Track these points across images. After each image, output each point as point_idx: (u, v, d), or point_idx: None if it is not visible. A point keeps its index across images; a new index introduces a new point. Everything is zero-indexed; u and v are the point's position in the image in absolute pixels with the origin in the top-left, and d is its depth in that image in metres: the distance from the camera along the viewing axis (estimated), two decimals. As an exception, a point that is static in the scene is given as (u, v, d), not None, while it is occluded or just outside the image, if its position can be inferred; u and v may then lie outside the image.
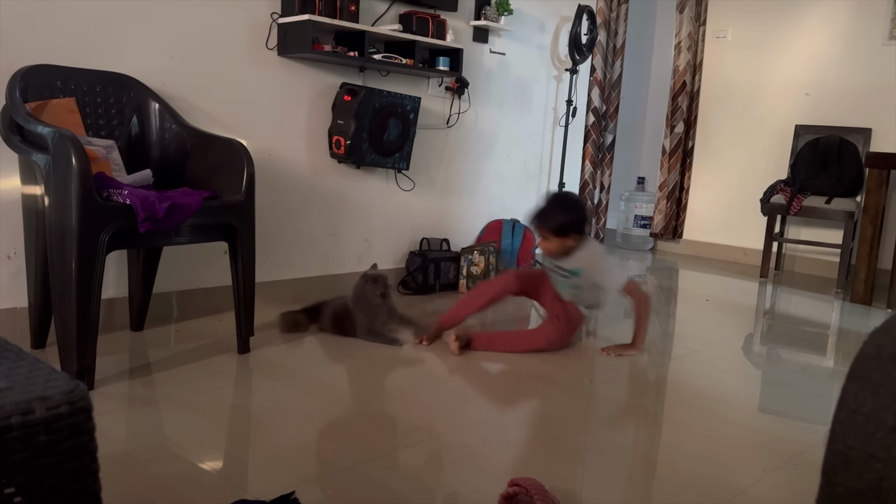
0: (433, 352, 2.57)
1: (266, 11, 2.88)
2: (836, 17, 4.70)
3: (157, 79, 2.57)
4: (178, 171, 2.42)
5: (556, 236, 2.56)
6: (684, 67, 5.21)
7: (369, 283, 2.58)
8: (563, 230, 2.55)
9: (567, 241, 2.57)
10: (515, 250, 3.78)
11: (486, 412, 2.02)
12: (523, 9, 3.99)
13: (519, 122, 4.12)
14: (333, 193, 3.25)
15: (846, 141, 4.54)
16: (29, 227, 2.21)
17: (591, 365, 2.53)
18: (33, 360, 0.94)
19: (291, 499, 1.34)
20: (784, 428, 2.04)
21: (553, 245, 2.59)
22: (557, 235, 2.55)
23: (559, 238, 2.56)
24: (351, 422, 1.88)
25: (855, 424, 0.75)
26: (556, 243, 2.58)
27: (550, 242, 2.59)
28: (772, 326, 3.48)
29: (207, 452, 1.65)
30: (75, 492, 0.84)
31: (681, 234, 5.43)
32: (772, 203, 4.51)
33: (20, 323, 2.35)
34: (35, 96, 2.19)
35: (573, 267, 2.60)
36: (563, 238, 2.56)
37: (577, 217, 2.59)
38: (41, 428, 0.80)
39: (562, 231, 2.55)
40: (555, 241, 2.57)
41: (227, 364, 2.27)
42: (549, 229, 2.56)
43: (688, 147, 5.33)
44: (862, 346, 0.80)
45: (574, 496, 1.53)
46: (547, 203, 2.62)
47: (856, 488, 0.74)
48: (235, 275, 2.29)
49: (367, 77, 3.29)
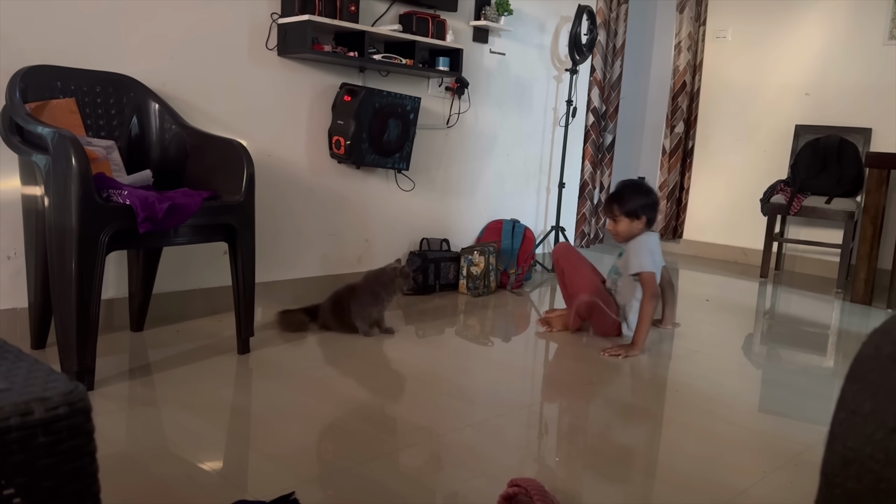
0: (433, 352, 2.57)
1: (266, 12, 2.88)
2: (836, 17, 4.70)
3: (157, 79, 2.57)
4: (177, 171, 2.42)
5: (626, 217, 2.70)
6: (684, 67, 5.21)
7: (400, 278, 2.62)
8: (634, 212, 2.70)
9: (635, 223, 2.71)
10: (515, 250, 3.78)
11: (485, 412, 2.02)
12: (523, 9, 3.99)
13: (519, 122, 4.12)
14: (333, 194, 3.25)
15: (846, 141, 4.54)
16: (29, 228, 2.21)
17: (591, 366, 2.53)
18: (32, 360, 0.94)
19: (291, 499, 1.34)
20: (784, 428, 2.04)
21: (622, 226, 2.73)
22: (628, 217, 2.70)
23: (629, 219, 2.70)
24: (351, 422, 1.88)
25: (854, 425, 0.75)
26: (624, 224, 2.72)
27: (620, 223, 2.73)
28: (772, 327, 3.48)
29: (207, 453, 1.65)
30: (74, 493, 0.84)
31: (681, 234, 5.43)
32: (772, 203, 4.51)
33: (20, 323, 2.35)
34: (35, 97, 2.19)
35: (624, 248, 2.77)
36: (633, 220, 2.71)
37: (649, 202, 2.74)
38: (40, 429, 0.80)
39: (633, 213, 2.70)
40: (624, 221, 2.71)
41: (227, 364, 2.27)
42: (623, 210, 2.70)
43: (688, 147, 5.33)
44: (861, 347, 0.80)
45: (574, 496, 1.53)
46: (623, 186, 2.80)
47: (855, 489, 0.74)
48: (235, 275, 2.29)
49: (367, 77, 3.29)
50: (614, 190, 2.80)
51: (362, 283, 2.67)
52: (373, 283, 2.64)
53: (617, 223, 2.74)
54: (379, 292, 2.63)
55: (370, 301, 2.63)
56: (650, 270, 2.65)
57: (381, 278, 2.64)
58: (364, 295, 2.63)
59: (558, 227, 4.26)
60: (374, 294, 2.63)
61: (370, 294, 2.63)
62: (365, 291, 2.64)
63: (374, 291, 2.63)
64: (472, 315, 3.19)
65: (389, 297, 2.65)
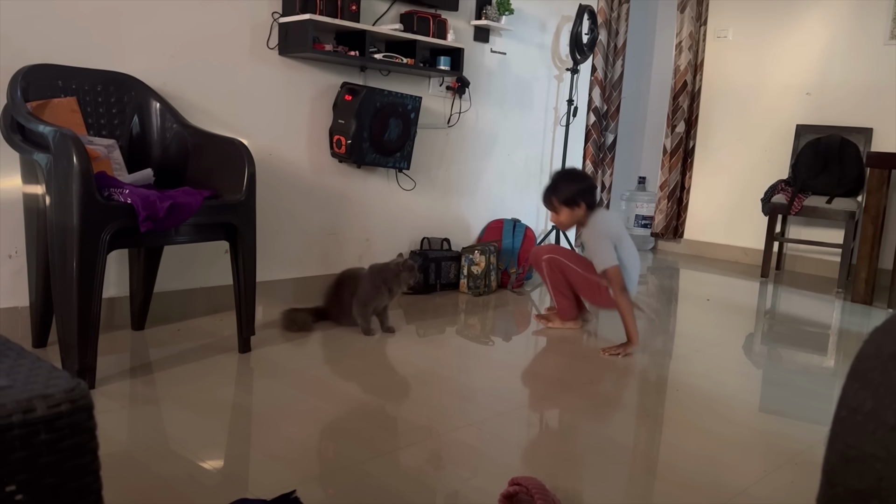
0: (434, 351, 2.57)
1: (267, 11, 2.88)
2: (837, 17, 4.69)
3: (158, 78, 2.57)
4: (179, 170, 2.42)
5: (565, 206, 2.67)
6: (685, 67, 5.21)
7: (405, 272, 2.62)
8: (572, 200, 2.65)
9: (576, 211, 2.67)
10: (516, 250, 3.78)
11: (486, 411, 2.02)
12: (524, 8, 3.99)
13: (520, 121, 4.12)
14: (334, 193, 3.25)
15: (847, 141, 4.54)
16: (30, 227, 2.21)
17: (591, 365, 2.53)
18: (34, 358, 0.94)
19: (292, 498, 1.34)
20: (785, 428, 2.04)
21: (563, 216, 2.70)
22: (567, 205, 2.66)
23: (569, 208, 2.66)
24: (351, 421, 1.88)
25: (855, 424, 0.75)
26: (565, 213, 2.68)
27: (560, 214, 2.70)
28: (772, 326, 3.48)
29: (208, 451, 1.65)
30: (76, 490, 0.84)
31: (682, 234, 5.43)
32: (773, 203, 4.51)
33: (21, 322, 2.35)
34: (36, 96, 2.20)
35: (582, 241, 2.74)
36: (573, 208, 2.66)
37: (584, 186, 2.69)
38: (42, 426, 0.80)
39: (571, 201, 2.65)
40: (564, 211, 2.68)
41: (228, 363, 2.27)
42: (560, 200, 2.67)
43: (689, 147, 5.33)
44: (862, 346, 0.80)
45: (574, 495, 1.53)
46: (556, 176, 2.75)
47: (856, 488, 0.74)
48: (236, 274, 2.29)
49: (368, 76, 3.29)
50: (549, 182, 2.75)
51: (366, 276, 2.66)
52: (376, 278, 2.63)
53: (558, 214, 2.71)
54: (380, 286, 2.62)
55: (372, 295, 2.61)
56: (612, 265, 2.62)
57: (385, 273, 2.62)
58: (366, 289, 2.62)
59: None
60: (376, 288, 2.61)
61: (373, 288, 2.61)
62: (367, 285, 2.62)
63: (377, 286, 2.61)
64: (472, 314, 3.19)
65: (394, 292, 2.64)
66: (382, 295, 2.63)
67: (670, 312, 3.57)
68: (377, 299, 2.63)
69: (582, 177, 2.80)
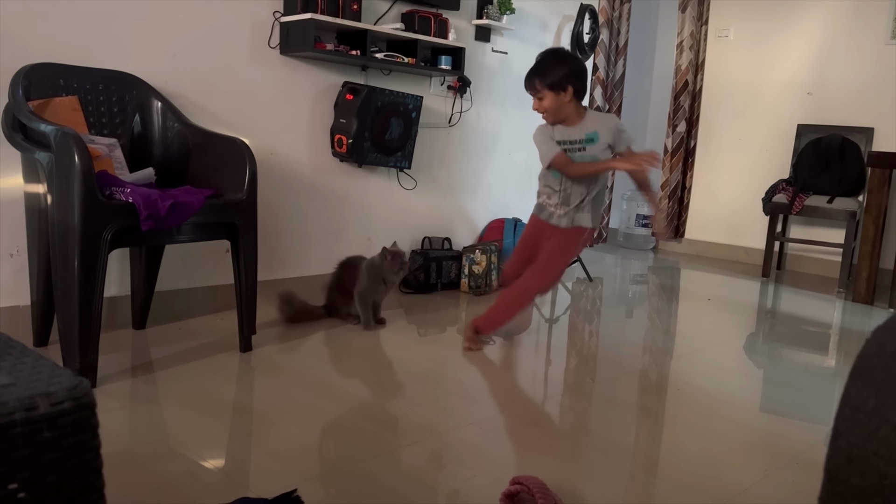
0: (435, 350, 2.57)
1: (268, 10, 2.88)
2: (838, 17, 4.69)
3: (159, 77, 2.57)
4: (180, 169, 2.42)
5: (550, 91, 2.36)
6: (686, 67, 5.20)
7: (387, 262, 2.67)
8: (559, 84, 2.34)
9: (562, 96, 2.36)
10: (517, 249, 3.77)
11: (487, 410, 2.02)
12: (525, 8, 3.98)
13: (521, 121, 4.12)
14: (335, 192, 3.26)
15: (848, 140, 4.53)
16: (31, 225, 2.22)
17: (592, 364, 2.53)
18: (36, 356, 0.94)
19: (293, 497, 1.34)
20: (786, 427, 2.04)
21: (547, 102, 2.38)
22: (552, 90, 2.36)
23: (554, 93, 2.36)
24: (352, 420, 1.88)
25: (858, 422, 0.75)
26: (549, 99, 2.37)
27: (545, 99, 2.38)
28: (774, 326, 3.48)
29: (209, 450, 1.65)
30: (78, 488, 0.84)
31: (683, 234, 5.43)
32: (774, 202, 4.51)
33: (22, 321, 2.35)
34: (38, 94, 2.20)
35: (588, 132, 2.42)
36: (558, 93, 2.36)
37: (573, 68, 2.38)
38: (44, 424, 0.80)
39: (557, 85, 2.35)
40: (549, 96, 2.37)
41: (229, 362, 2.27)
42: (545, 83, 2.35)
43: (690, 146, 5.33)
44: (865, 344, 0.80)
45: (575, 495, 1.53)
46: (542, 56, 2.45)
47: (858, 486, 0.74)
48: (237, 273, 2.29)
49: (370, 76, 3.29)
50: (534, 63, 2.44)
51: (363, 271, 2.73)
52: (371, 271, 2.71)
53: (542, 100, 2.39)
54: (375, 278, 2.70)
55: (370, 289, 2.71)
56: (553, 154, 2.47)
57: (376, 264, 2.71)
58: (364, 283, 2.70)
59: (560, 227, 4.25)
60: (372, 281, 2.70)
61: (370, 281, 2.70)
62: (364, 280, 2.71)
63: (373, 279, 2.70)
64: (473, 314, 3.18)
65: (389, 281, 2.71)
66: (379, 287, 2.72)
67: (671, 312, 3.57)
68: (375, 292, 2.72)
69: (572, 57, 2.49)
